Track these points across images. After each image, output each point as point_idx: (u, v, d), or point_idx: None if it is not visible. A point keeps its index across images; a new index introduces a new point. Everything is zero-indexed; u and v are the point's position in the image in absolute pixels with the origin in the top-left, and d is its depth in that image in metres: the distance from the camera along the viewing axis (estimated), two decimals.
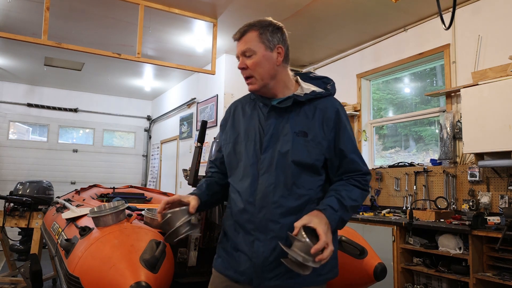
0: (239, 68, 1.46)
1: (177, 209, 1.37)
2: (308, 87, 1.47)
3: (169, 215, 1.34)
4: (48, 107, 7.63)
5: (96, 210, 1.79)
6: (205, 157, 5.68)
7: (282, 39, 1.46)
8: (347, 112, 5.03)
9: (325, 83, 1.52)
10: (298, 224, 1.21)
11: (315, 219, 1.23)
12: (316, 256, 1.14)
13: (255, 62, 1.42)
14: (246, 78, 1.45)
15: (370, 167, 4.99)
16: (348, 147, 1.42)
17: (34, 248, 3.97)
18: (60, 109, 7.75)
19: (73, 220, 2.17)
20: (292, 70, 1.53)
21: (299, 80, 1.51)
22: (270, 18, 1.50)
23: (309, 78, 1.53)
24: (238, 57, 1.49)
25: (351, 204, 1.34)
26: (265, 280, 1.34)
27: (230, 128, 1.55)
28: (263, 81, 1.43)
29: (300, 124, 1.41)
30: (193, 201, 1.41)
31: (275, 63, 1.43)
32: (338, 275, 1.47)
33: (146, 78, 7.06)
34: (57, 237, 2.27)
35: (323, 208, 1.28)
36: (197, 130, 6.27)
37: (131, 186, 4.67)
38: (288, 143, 1.38)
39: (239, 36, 1.51)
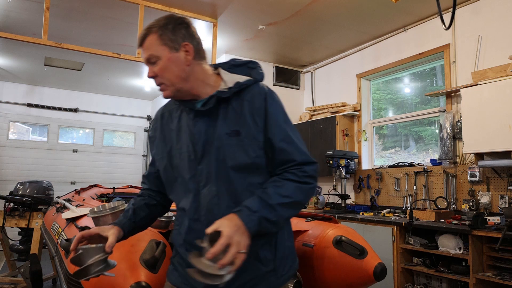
0: (149, 77, 1.30)
1: (92, 246, 1.21)
2: (232, 79, 1.32)
3: (80, 251, 1.19)
4: (48, 107, 7.63)
5: (96, 210, 1.79)
6: None
7: (188, 34, 1.29)
8: (347, 112, 5.08)
9: (251, 68, 1.37)
10: (207, 230, 1.07)
11: (225, 222, 1.08)
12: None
13: (161, 67, 1.26)
14: (158, 85, 1.30)
15: (370, 167, 4.99)
16: (276, 135, 1.26)
17: (34, 248, 3.97)
18: (60, 109, 7.75)
19: (73, 220, 2.17)
20: (213, 65, 1.40)
21: (221, 72, 1.36)
22: (172, 13, 1.34)
23: (233, 66, 1.38)
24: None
25: (280, 201, 1.17)
26: None
27: (160, 140, 1.39)
28: (174, 86, 1.28)
29: (231, 122, 1.26)
30: (112, 238, 1.25)
31: (184, 63, 1.27)
32: (337, 275, 1.47)
33: (146, 78, 7.04)
34: (57, 237, 2.27)
35: (237, 210, 1.14)
36: None
37: (131, 186, 4.67)
38: (222, 147, 1.25)
39: (140, 43, 1.30)
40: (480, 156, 3.49)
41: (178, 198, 1.34)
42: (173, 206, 1.58)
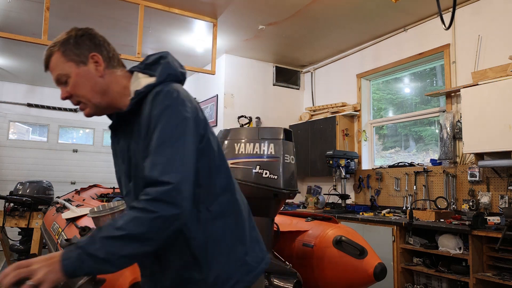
0: (62, 99, 1.20)
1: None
2: (136, 86, 1.18)
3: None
4: (48, 107, 7.63)
5: (96, 210, 1.79)
6: None
7: (94, 44, 1.20)
8: (347, 112, 5.07)
9: (160, 64, 1.20)
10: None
11: (41, 258, 0.95)
12: None
13: (73, 85, 1.17)
14: (76, 105, 1.22)
15: (370, 167, 4.99)
16: (152, 142, 1.06)
17: (34, 248, 3.97)
18: (60, 109, 7.75)
19: (73, 220, 2.17)
20: (129, 70, 1.25)
21: (132, 79, 1.22)
22: (74, 27, 1.26)
23: (147, 66, 1.22)
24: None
25: (108, 234, 0.96)
26: None
27: (116, 160, 1.36)
28: (92, 102, 1.19)
29: (138, 136, 1.15)
30: None
31: (95, 75, 1.17)
32: (337, 275, 1.47)
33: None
34: (57, 237, 2.27)
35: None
36: None
37: None
38: (138, 165, 1.12)
39: (45, 65, 1.22)
40: (480, 156, 3.49)
41: None
42: None
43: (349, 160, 4.74)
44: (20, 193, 4.15)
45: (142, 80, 1.18)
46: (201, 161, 1.12)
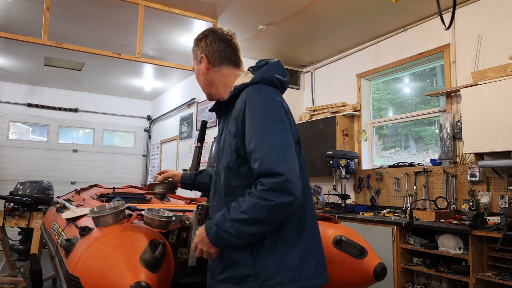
0: None
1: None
2: (239, 84, 1.39)
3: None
4: (48, 107, 7.64)
5: (96, 210, 1.79)
6: (205, 157, 5.68)
7: (205, 46, 1.51)
8: (347, 112, 5.07)
9: (259, 68, 1.42)
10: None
11: (199, 231, 1.32)
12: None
13: (196, 76, 1.57)
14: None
15: (370, 167, 4.99)
16: (250, 138, 1.23)
17: (34, 248, 3.97)
18: (60, 109, 7.75)
19: (73, 220, 2.16)
20: (251, 67, 1.47)
21: (243, 75, 1.45)
22: (210, 27, 1.58)
23: (257, 68, 1.45)
24: None
25: (236, 217, 1.19)
26: (215, 282, 1.37)
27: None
28: (205, 91, 1.55)
29: (229, 124, 1.35)
30: (169, 173, 1.88)
31: (204, 72, 1.51)
32: (337, 275, 1.46)
33: (146, 78, 7.06)
34: (57, 237, 2.27)
35: (209, 218, 1.32)
36: (197, 130, 6.27)
37: (131, 186, 4.66)
38: (223, 148, 1.37)
39: None
40: (480, 156, 3.49)
41: None
42: (174, 206, 1.59)
43: (349, 160, 4.75)
44: (20, 193, 4.15)
45: (243, 78, 1.41)
46: None
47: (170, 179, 1.88)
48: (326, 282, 1.37)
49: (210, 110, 1.51)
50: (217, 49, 1.49)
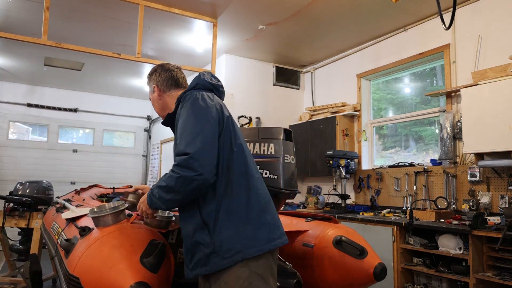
0: None
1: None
2: (179, 95, 1.73)
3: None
4: (48, 107, 7.63)
5: (96, 210, 1.79)
6: None
7: (155, 77, 1.85)
8: (347, 112, 5.07)
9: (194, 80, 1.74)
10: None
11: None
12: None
13: (152, 103, 1.91)
14: None
15: (370, 167, 4.99)
16: (178, 131, 1.57)
17: (34, 248, 3.96)
18: (60, 109, 7.75)
19: (73, 220, 2.16)
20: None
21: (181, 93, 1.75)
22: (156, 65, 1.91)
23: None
24: None
25: (158, 184, 1.54)
26: (189, 271, 1.57)
27: None
28: (161, 114, 1.85)
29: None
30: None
31: (157, 99, 1.84)
32: (337, 275, 1.46)
33: (146, 78, 7.04)
34: (57, 237, 2.27)
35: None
36: None
37: (131, 186, 4.66)
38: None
39: None
40: (480, 156, 3.48)
41: None
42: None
43: (349, 160, 4.74)
44: (20, 193, 4.14)
45: (182, 91, 1.77)
46: (220, 145, 1.55)
47: (140, 191, 1.95)
48: (284, 243, 1.60)
49: (163, 124, 1.83)
50: (165, 78, 1.83)
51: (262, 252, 1.51)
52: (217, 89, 1.75)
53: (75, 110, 7.91)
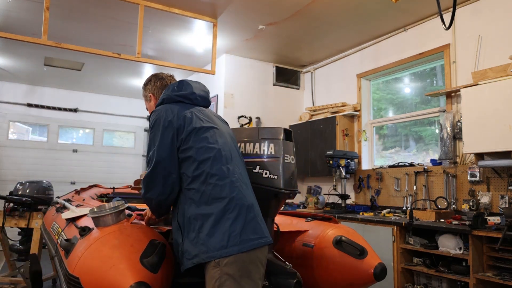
0: None
1: None
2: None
3: None
4: (48, 107, 7.63)
5: (96, 210, 1.79)
6: None
7: (151, 86, 2.00)
8: (347, 112, 5.07)
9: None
10: None
11: None
12: None
13: (148, 112, 2.02)
14: None
15: (370, 167, 5.00)
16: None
17: (34, 248, 3.96)
18: (60, 109, 7.75)
19: (73, 220, 2.16)
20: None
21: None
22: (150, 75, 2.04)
23: None
24: None
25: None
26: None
27: None
28: None
29: None
30: None
31: (153, 107, 1.92)
32: (337, 275, 1.45)
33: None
34: (57, 237, 2.27)
35: None
36: None
37: (131, 186, 4.66)
38: None
39: None
40: (480, 156, 3.48)
41: None
42: None
43: (349, 160, 4.74)
44: (20, 193, 4.14)
45: None
46: (185, 155, 1.67)
47: None
48: (237, 252, 1.56)
49: None
50: (159, 86, 1.95)
51: (212, 259, 1.54)
52: (187, 98, 1.82)
53: (75, 110, 7.91)
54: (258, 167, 1.90)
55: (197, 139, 1.68)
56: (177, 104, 1.77)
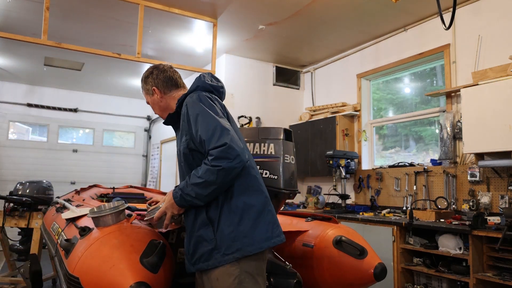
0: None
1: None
2: (181, 96, 1.76)
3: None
4: (48, 107, 7.63)
5: (96, 210, 1.79)
6: None
7: (153, 80, 1.86)
8: (347, 112, 5.07)
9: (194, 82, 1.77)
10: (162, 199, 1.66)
11: (167, 197, 1.64)
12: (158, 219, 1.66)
13: (151, 107, 1.92)
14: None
15: (370, 167, 4.99)
16: (197, 129, 1.57)
17: (34, 248, 3.96)
18: (60, 109, 7.75)
19: (73, 220, 2.16)
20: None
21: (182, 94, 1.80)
22: (145, 71, 1.92)
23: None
24: None
25: (194, 181, 1.53)
26: (190, 266, 1.61)
27: None
28: (163, 116, 1.87)
29: (179, 129, 1.74)
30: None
31: (159, 101, 1.86)
32: (337, 275, 1.46)
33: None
34: (57, 237, 2.27)
35: (174, 188, 1.63)
36: None
37: (131, 186, 4.66)
38: (178, 149, 1.73)
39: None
40: (480, 156, 3.48)
41: None
42: None
43: (349, 160, 4.74)
44: (20, 193, 4.14)
45: (184, 92, 1.82)
46: None
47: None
48: (282, 241, 1.63)
49: (164, 123, 1.85)
50: (163, 79, 1.84)
51: (261, 249, 1.56)
52: (217, 90, 1.78)
53: (75, 110, 7.91)
54: (258, 167, 1.90)
55: (233, 127, 1.66)
56: (207, 93, 1.71)
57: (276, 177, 1.93)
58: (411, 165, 4.42)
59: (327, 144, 5.16)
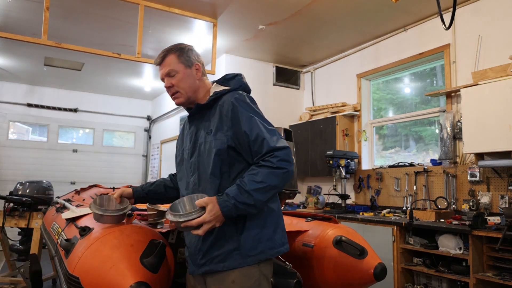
0: (166, 87, 1.67)
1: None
2: (219, 90, 1.65)
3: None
4: (48, 107, 7.63)
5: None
6: None
7: (197, 57, 1.69)
8: (347, 112, 5.07)
9: (234, 79, 1.70)
10: (198, 202, 1.40)
11: (210, 207, 1.39)
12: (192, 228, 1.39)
13: (179, 79, 1.64)
14: (172, 94, 1.67)
15: (370, 167, 4.99)
16: (250, 128, 1.51)
17: (34, 248, 3.97)
18: (60, 109, 7.75)
19: (73, 220, 2.16)
20: (212, 81, 1.74)
21: (214, 85, 1.71)
22: (182, 43, 1.74)
23: (226, 80, 1.71)
24: (162, 80, 1.69)
25: (254, 187, 1.41)
26: (197, 267, 1.54)
27: (180, 142, 1.81)
28: (187, 94, 1.66)
29: (208, 124, 1.61)
30: (118, 193, 1.80)
31: (195, 78, 1.66)
32: (337, 275, 1.46)
33: (146, 78, 7.05)
34: (57, 237, 2.27)
35: (218, 195, 1.44)
36: None
37: (131, 186, 4.66)
38: (202, 144, 1.59)
39: (160, 61, 1.67)
40: (480, 156, 3.48)
41: (180, 183, 1.72)
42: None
43: (349, 160, 4.74)
44: (20, 193, 4.14)
45: (218, 87, 1.68)
46: None
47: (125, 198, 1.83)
48: (288, 249, 1.63)
49: (191, 113, 1.70)
50: (203, 63, 1.73)
51: (279, 254, 1.57)
52: (249, 92, 1.78)
53: (75, 110, 7.91)
54: None
55: None
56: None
57: None
58: (411, 165, 4.42)
59: (327, 144, 5.16)
